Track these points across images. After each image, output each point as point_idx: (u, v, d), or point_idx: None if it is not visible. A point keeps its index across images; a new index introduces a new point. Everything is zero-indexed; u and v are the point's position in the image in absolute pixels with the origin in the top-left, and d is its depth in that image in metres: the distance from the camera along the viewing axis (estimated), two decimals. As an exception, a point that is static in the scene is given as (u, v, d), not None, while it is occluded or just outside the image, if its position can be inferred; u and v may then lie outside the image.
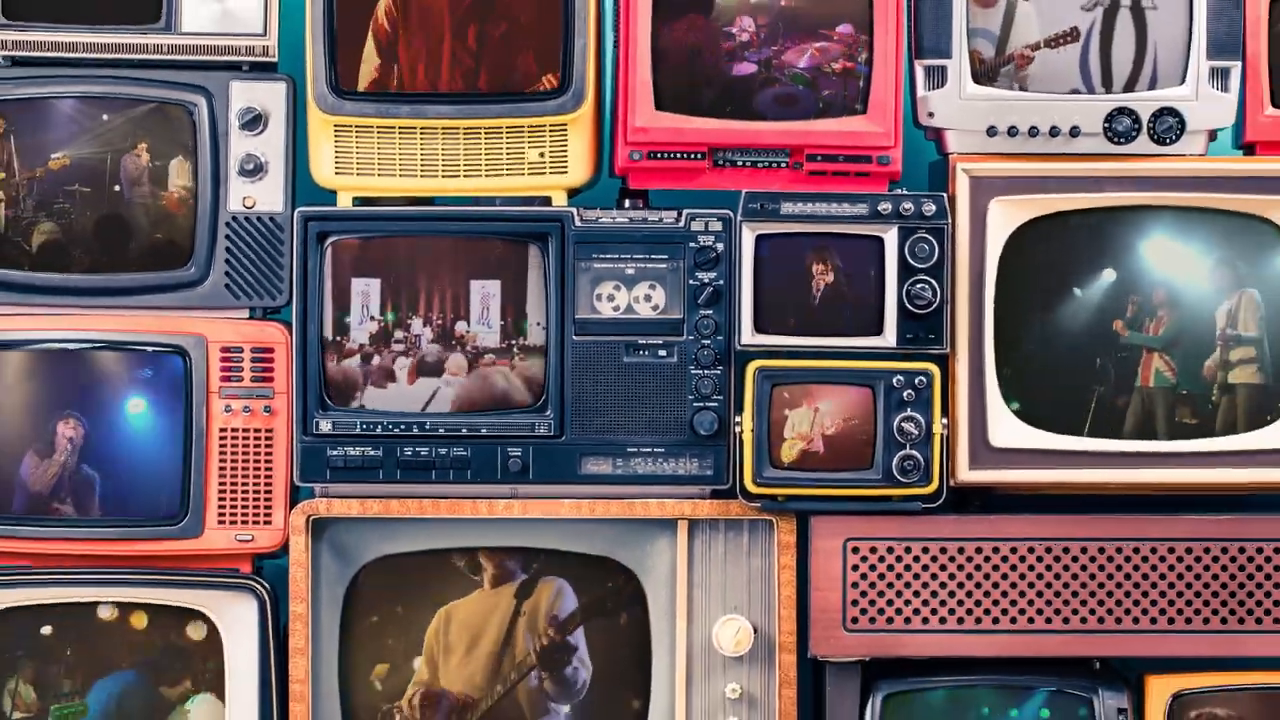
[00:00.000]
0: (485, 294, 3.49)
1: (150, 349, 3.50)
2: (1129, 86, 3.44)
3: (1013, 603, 3.41)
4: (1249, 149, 3.53)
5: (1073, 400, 3.46)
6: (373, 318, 3.48)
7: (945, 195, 3.42)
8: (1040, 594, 3.41)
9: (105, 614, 3.53)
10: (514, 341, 3.49)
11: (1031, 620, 3.41)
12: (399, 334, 3.48)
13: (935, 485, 3.40)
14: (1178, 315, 3.45)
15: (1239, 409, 3.46)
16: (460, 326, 3.48)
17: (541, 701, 3.52)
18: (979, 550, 3.41)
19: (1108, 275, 3.46)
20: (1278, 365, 3.46)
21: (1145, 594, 3.41)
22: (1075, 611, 3.41)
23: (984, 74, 3.45)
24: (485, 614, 3.53)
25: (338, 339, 3.47)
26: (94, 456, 3.49)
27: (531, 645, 3.51)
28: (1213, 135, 3.47)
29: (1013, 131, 3.42)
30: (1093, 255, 3.47)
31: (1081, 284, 3.47)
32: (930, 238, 3.38)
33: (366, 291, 3.48)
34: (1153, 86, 3.44)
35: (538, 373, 3.45)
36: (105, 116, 3.49)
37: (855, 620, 3.42)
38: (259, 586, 3.49)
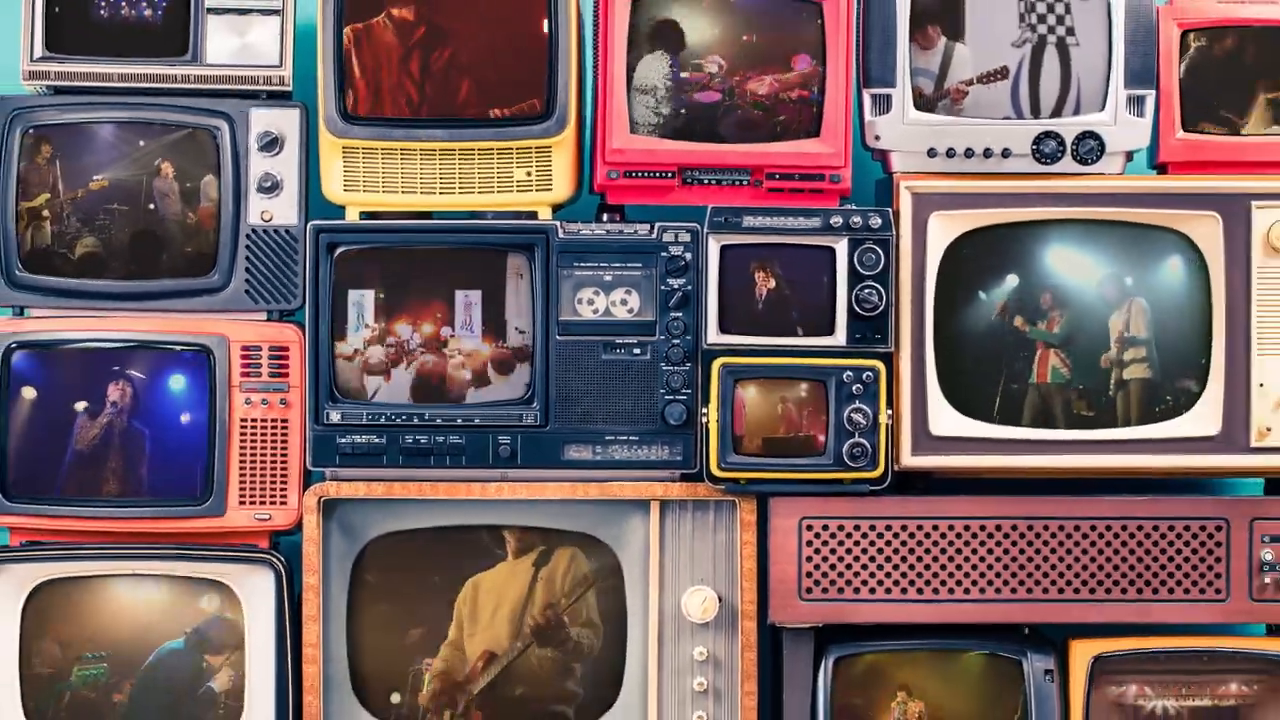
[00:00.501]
0: (468, 302, 3.55)
1: (179, 348, 3.54)
2: (1055, 113, 3.51)
3: (950, 575, 3.50)
4: (1162, 168, 3.62)
5: (987, 393, 3.53)
6: (367, 325, 3.54)
7: (890, 210, 3.50)
8: (975, 567, 3.50)
9: (151, 588, 3.59)
10: (495, 344, 3.55)
11: (968, 591, 3.50)
12: (390, 339, 3.55)
13: (881, 470, 3.49)
14: (1072, 314, 3.52)
15: (1132, 402, 3.54)
16: (445, 331, 3.55)
17: (562, 661, 3.60)
18: (920, 528, 3.50)
19: (1020, 280, 3.53)
20: (1164, 363, 3.54)
21: (1069, 567, 3.49)
22: (1006, 583, 3.50)
23: (923, 106, 3.52)
24: (507, 582, 3.58)
25: (335, 340, 3.54)
26: (137, 429, 3.54)
27: (542, 615, 3.58)
28: (1129, 156, 3.56)
29: (950, 153, 3.50)
30: (1017, 263, 3.53)
31: (1005, 288, 3.54)
32: (877, 248, 3.48)
33: (361, 301, 3.54)
34: (1077, 113, 3.51)
35: (481, 364, 3.54)
36: (142, 143, 3.53)
37: (809, 591, 3.51)
38: (276, 560, 3.55)
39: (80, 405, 3.56)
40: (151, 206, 3.58)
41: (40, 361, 3.56)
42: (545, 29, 3.50)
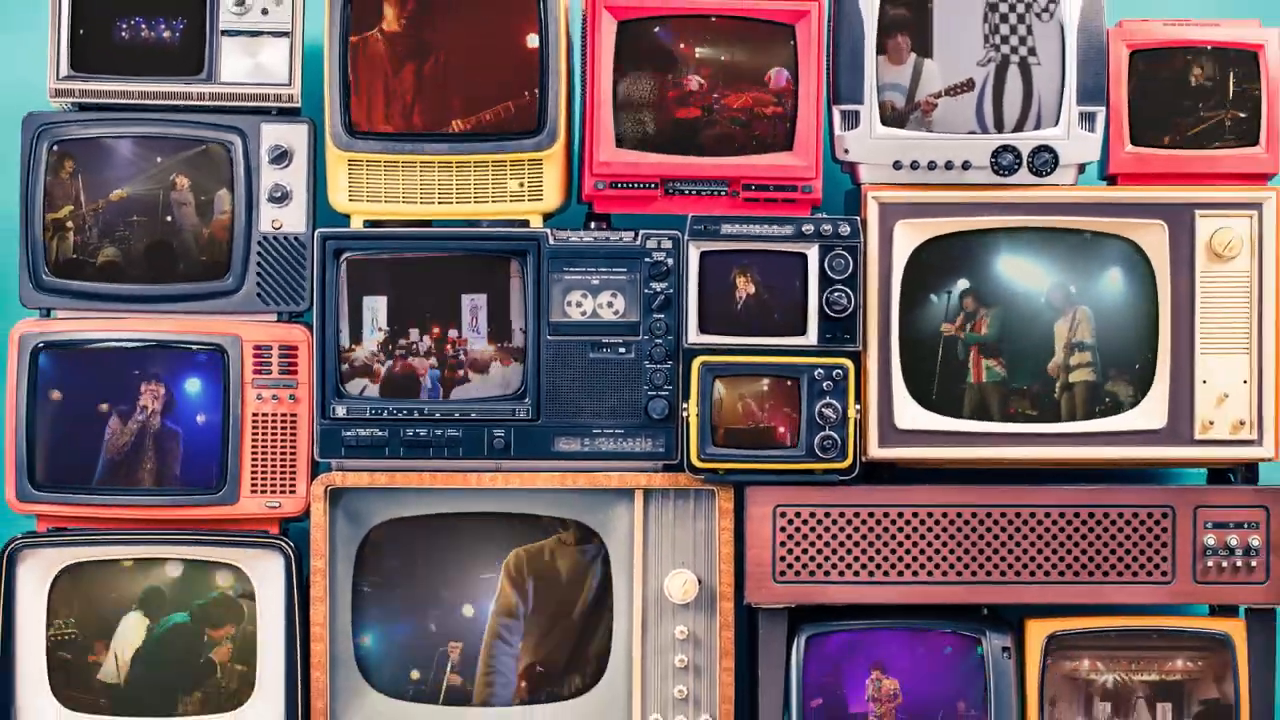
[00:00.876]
0: (473, 306, 3.62)
1: (195, 347, 3.63)
2: (1018, 128, 3.61)
3: (915, 559, 3.59)
4: (1112, 180, 3.72)
5: (944, 390, 3.62)
6: (380, 329, 3.63)
7: (858, 219, 3.60)
8: (938, 551, 3.59)
9: (164, 570, 3.68)
10: (500, 344, 3.63)
11: (930, 573, 3.59)
12: (402, 341, 3.62)
13: (850, 461, 3.58)
14: (1002, 316, 3.62)
15: (1077, 402, 3.63)
16: (452, 333, 3.63)
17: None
18: (886, 515, 3.59)
19: (970, 284, 3.61)
20: (1108, 366, 3.63)
21: (1026, 551, 3.59)
22: (967, 566, 3.59)
23: (895, 119, 3.62)
24: (566, 572, 3.67)
25: (353, 345, 3.63)
26: (172, 421, 3.63)
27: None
28: (1082, 168, 3.66)
29: (914, 165, 3.60)
30: (972, 269, 3.63)
31: (957, 291, 3.63)
32: (846, 254, 3.57)
33: (375, 307, 3.62)
34: (1038, 128, 3.61)
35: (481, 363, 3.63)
36: (159, 158, 3.63)
37: (783, 574, 3.59)
38: (285, 545, 3.64)
39: (104, 406, 3.62)
40: (169, 218, 3.67)
41: (65, 360, 3.64)
42: (534, 44, 3.59)
